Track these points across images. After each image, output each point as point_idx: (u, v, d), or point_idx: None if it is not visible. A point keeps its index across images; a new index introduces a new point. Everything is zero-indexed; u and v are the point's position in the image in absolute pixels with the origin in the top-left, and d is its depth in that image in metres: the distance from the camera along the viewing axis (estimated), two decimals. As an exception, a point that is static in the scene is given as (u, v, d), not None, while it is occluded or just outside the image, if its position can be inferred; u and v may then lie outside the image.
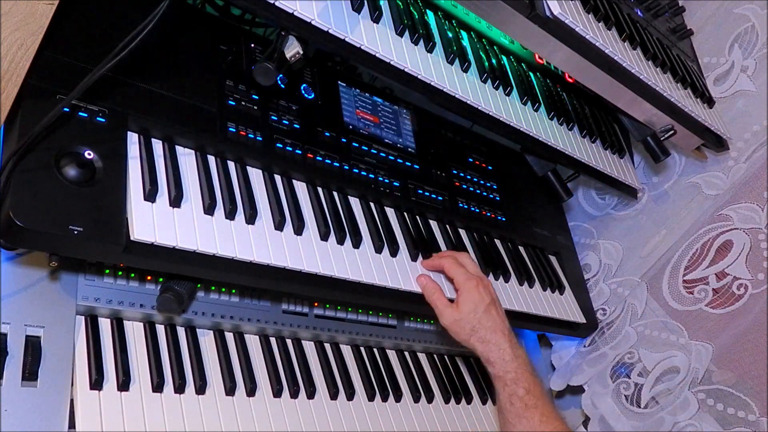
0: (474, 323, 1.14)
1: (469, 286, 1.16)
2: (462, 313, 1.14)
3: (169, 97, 1.05)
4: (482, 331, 1.14)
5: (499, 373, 1.14)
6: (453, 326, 1.16)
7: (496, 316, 1.16)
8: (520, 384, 1.12)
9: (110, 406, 0.96)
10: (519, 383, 1.12)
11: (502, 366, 1.14)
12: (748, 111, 1.53)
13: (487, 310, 1.15)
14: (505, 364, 1.13)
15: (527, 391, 1.12)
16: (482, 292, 1.16)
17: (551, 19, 1.09)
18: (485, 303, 1.15)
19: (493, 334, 1.14)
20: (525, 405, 1.11)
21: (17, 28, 0.71)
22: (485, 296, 1.16)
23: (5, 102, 0.81)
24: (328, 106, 1.30)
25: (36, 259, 0.98)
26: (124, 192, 0.93)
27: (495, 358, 1.14)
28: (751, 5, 1.53)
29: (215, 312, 1.17)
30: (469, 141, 1.61)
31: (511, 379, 1.12)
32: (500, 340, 1.14)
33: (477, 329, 1.14)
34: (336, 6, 1.01)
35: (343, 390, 1.26)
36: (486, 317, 1.14)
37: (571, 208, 1.87)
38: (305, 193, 1.19)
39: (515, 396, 1.12)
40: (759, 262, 1.47)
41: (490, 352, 1.14)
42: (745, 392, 1.48)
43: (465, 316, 1.14)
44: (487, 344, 1.14)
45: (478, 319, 1.14)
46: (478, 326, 1.14)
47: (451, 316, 1.15)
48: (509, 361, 1.13)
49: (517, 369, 1.13)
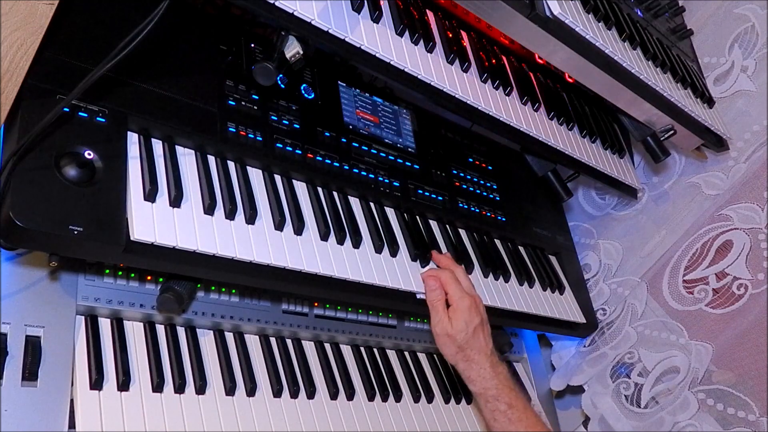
0: (462, 342, 1.17)
1: (463, 305, 1.18)
2: (453, 330, 1.17)
3: (169, 97, 1.05)
4: (467, 351, 1.18)
5: (479, 390, 1.18)
6: (442, 338, 1.18)
7: (482, 338, 1.19)
8: (501, 400, 1.16)
9: (110, 406, 0.96)
10: (500, 399, 1.16)
11: (481, 383, 1.17)
12: (748, 111, 1.53)
13: (475, 331, 1.18)
14: (485, 381, 1.17)
15: (509, 406, 1.16)
16: (473, 313, 1.18)
17: (551, 19, 1.09)
18: (474, 324, 1.18)
19: (477, 355, 1.18)
20: (509, 420, 1.15)
21: (17, 28, 0.71)
22: (475, 317, 1.18)
23: (5, 102, 0.81)
24: (328, 106, 1.30)
25: (36, 259, 0.98)
26: (124, 192, 0.93)
27: (475, 376, 1.18)
28: (751, 5, 1.53)
29: (215, 312, 1.17)
30: (469, 141, 1.61)
31: (492, 395, 1.16)
32: (482, 359, 1.18)
33: (463, 348, 1.17)
34: (336, 6, 1.01)
35: (343, 390, 1.26)
36: (474, 338, 1.17)
37: (571, 208, 1.87)
38: (305, 193, 1.19)
39: (498, 411, 1.16)
40: (759, 262, 1.47)
41: (471, 370, 1.18)
42: (745, 392, 1.48)
43: (456, 333, 1.17)
44: (470, 363, 1.18)
45: (466, 339, 1.17)
46: (465, 345, 1.17)
47: (445, 328, 1.18)
48: (489, 379, 1.17)
49: (497, 386, 1.17)
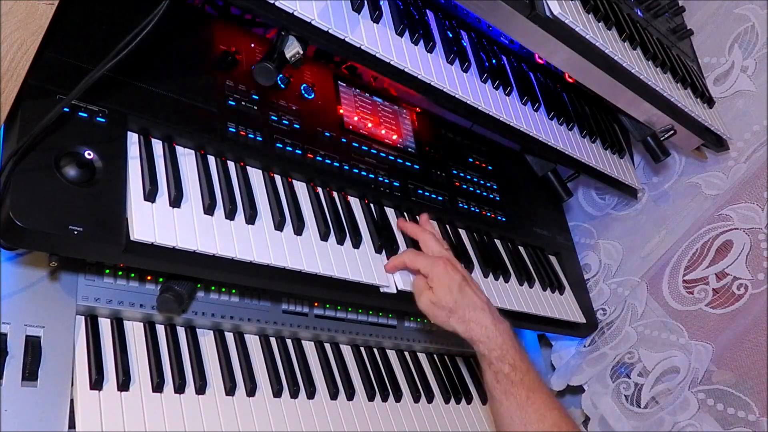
0: (450, 304, 1.10)
1: (437, 270, 1.12)
2: (437, 296, 1.11)
3: (169, 97, 1.05)
4: (460, 311, 1.11)
5: (484, 351, 1.10)
6: (430, 309, 1.13)
7: (471, 292, 1.12)
8: (505, 360, 1.09)
9: (110, 406, 0.96)
10: (505, 360, 1.09)
11: (486, 344, 1.10)
12: (748, 111, 1.53)
13: (460, 288, 1.11)
14: (490, 341, 1.09)
15: (513, 368, 1.09)
16: (450, 272, 1.12)
17: (551, 19, 1.09)
18: (457, 282, 1.11)
19: (472, 312, 1.11)
20: (511, 381, 1.08)
21: (17, 28, 0.71)
22: (454, 275, 1.12)
23: (5, 102, 0.81)
24: (328, 106, 1.30)
25: (36, 259, 0.98)
26: (124, 192, 0.93)
27: (478, 335, 1.10)
28: (751, 5, 1.53)
29: (215, 312, 1.17)
30: (469, 141, 1.61)
31: (497, 357, 1.09)
32: (480, 316, 1.10)
33: (454, 309, 1.11)
34: (336, 6, 1.01)
35: (343, 390, 1.26)
36: (461, 296, 1.11)
37: (571, 208, 1.87)
38: (305, 193, 1.19)
39: (501, 373, 1.09)
40: (759, 262, 1.47)
41: (472, 331, 1.11)
42: (745, 392, 1.48)
43: (440, 299, 1.11)
44: (468, 323, 1.11)
45: (453, 299, 1.10)
46: (455, 306, 1.11)
47: (428, 298, 1.12)
48: (493, 338, 1.10)
49: (502, 345, 1.09)
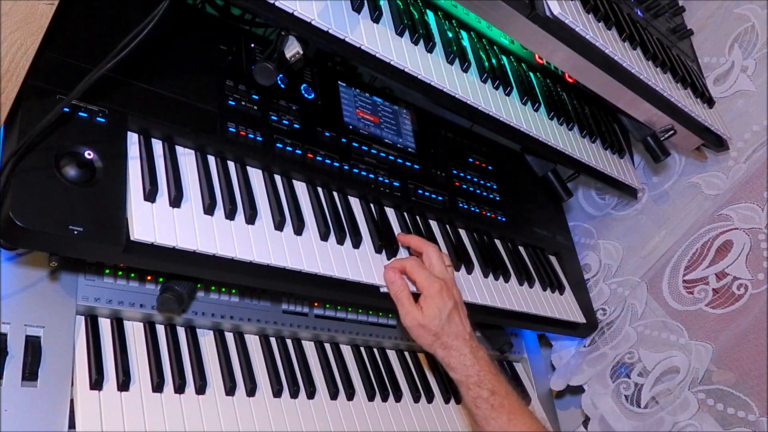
0: (437, 329, 1.12)
1: (433, 291, 1.13)
2: (426, 318, 1.12)
3: (169, 97, 1.05)
4: (444, 337, 1.13)
5: (461, 378, 1.14)
6: (415, 329, 1.14)
7: (458, 321, 1.15)
8: (483, 386, 1.12)
9: (110, 406, 0.96)
10: (483, 385, 1.12)
11: (463, 371, 1.13)
12: (748, 111, 1.53)
13: (450, 316, 1.13)
14: (466, 368, 1.13)
15: (492, 393, 1.11)
16: (445, 298, 1.13)
17: (551, 19, 1.09)
18: (448, 308, 1.13)
19: (455, 340, 1.13)
20: (491, 406, 1.11)
21: (17, 28, 0.71)
22: (448, 301, 1.14)
23: (5, 102, 0.81)
24: (328, 106, 1.30)
25: (36, 259, 0.98)
26: (124, 192, 0.93)
27: (455, 363, 1.13)
28: (751, 5, 1.53)
29: (215, 312, 1.17)
30: (469, 141, 1.61)
31: (474, 382, 1.12)
32: (461, 345, 1.13)
33: (440, 335, 1.13)
34: (336, 6, 1.01)
35: (343, 390, 1.26)
36: (449, 323, 1.13)
37: (571, 208, 1.87)
38: (305, 193, 1.19)
39: (480, 399, 1.12)
40: (759, 262, 1.47)
41: (450, 357, 1.14)
42: (745, 392, 1.47)
43: (429, 322, 1.12)
44: (449, 350, 1.13)
45: (441, 326, 1.12)
46: (441, 332, 1.13)
47: (415, 318, 1.13)
48: (470, 366, 1.13)
49: (479, 372, 1.13)
